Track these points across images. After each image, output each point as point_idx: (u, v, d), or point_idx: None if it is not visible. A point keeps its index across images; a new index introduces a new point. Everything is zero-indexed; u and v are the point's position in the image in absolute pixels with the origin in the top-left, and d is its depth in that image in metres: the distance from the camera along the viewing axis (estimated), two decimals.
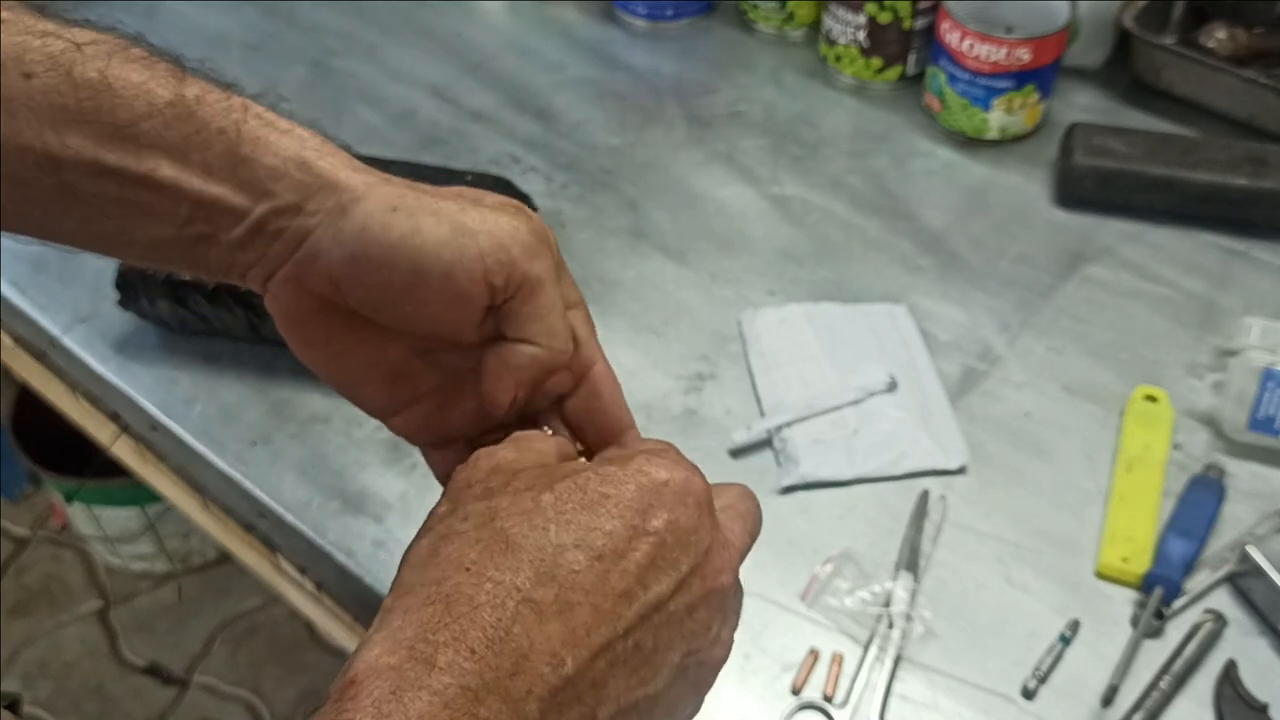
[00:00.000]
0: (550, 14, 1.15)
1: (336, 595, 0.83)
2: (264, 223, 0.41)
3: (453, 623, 0.33)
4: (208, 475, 0.81)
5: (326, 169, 0.41)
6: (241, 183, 0.41)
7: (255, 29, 1.13)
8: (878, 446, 0.76)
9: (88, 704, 1.76)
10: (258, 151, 0.40)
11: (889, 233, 0.93)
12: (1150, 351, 0.83)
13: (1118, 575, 0.70)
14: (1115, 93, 1.04)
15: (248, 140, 0.40)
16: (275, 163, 0.41)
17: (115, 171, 0.40)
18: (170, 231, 0.42)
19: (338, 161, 0.41)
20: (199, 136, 0.40)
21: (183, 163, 0.40)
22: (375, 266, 0.40)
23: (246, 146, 0.40)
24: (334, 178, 0.41)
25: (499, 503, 0.36)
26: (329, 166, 0.41)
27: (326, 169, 0.41)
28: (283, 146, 0.41)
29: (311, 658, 1.81)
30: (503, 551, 0.34)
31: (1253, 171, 0.89)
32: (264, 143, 0.40)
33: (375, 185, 0.41)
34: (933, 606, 0.69)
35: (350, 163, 0.42)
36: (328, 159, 0.41)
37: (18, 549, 1.96)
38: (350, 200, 0.40)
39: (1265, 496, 0.74)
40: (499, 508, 0.36)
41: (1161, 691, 0.65)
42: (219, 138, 0.40)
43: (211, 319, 0.82)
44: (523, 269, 0.41)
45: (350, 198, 0.40)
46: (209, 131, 0.40)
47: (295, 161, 0.41)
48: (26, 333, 0.91)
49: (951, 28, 0.94)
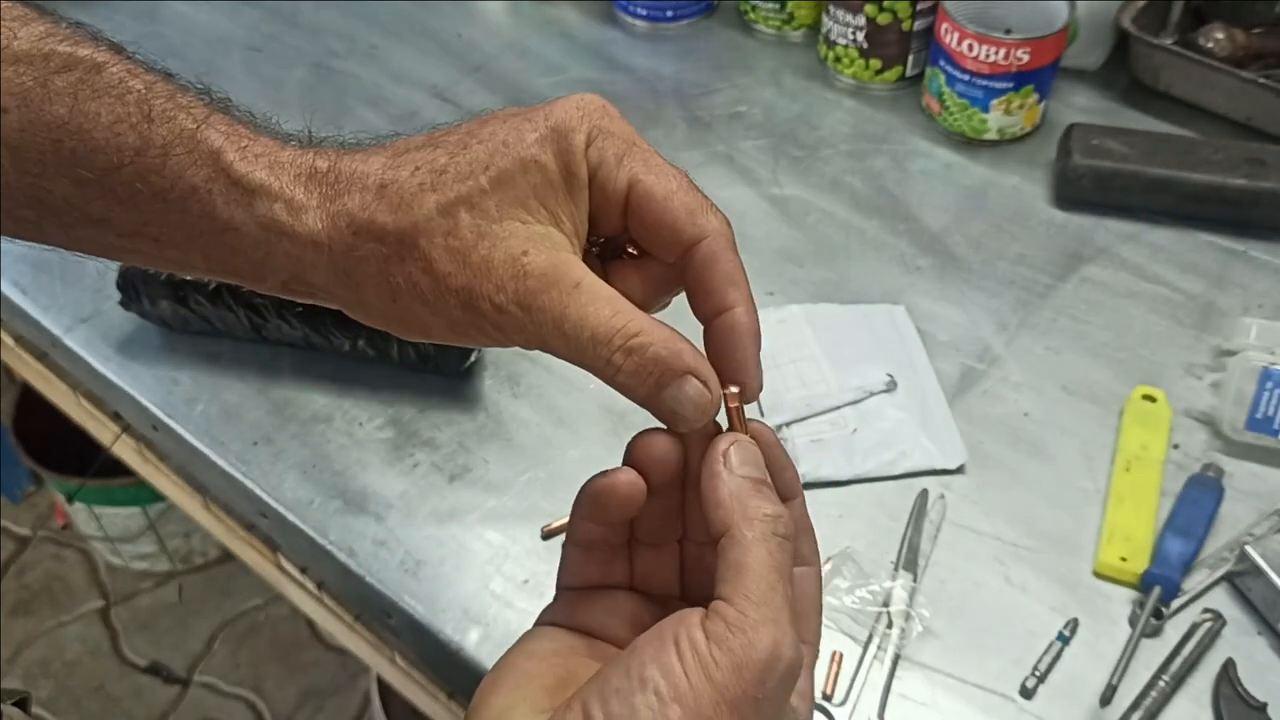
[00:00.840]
0: (551, 15, 1.15)
1: (338, 594, 0.84)
2: (291, 290, 0.41)
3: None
4: (209, 475, 0.81)
5: (305, 232, 0.40)
6: (232, 250, 0.40)
7: (257, 30, 1.13)
8: (877, 446, 0.77)
9: (89, 703, 1.76)
10: (236, 219, 0.40)
11: (888, 233, 0.93)
12: (1149, 351, 0.84)
13: (1116, 574, 0.71)
14: (1114, 93, 1.04)
15: (221, 207, 0.39)
16: (255, 234, 0.40)
17: (105, 222, 0.40)
18: (200, 274, 0.42)
19: (322, 215, 0.40)
20: (174, 194, 0.39)
21: (165, 222, 0.40)
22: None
23: (223, 212, 0.39)
24: (315, 239, 0.40)
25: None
26: (317, 225, 0.40)
27: (305, 232, 0.40)
28: (259, 212, 0.40)
29: (312, 657, 1.81)
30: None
31: (1251, 172, 0.90)
32: (241, 206, 0.40)
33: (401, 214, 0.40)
34: (931, 606, 0.69)
35: (340, 210, 0.40)
36: (311, 212, 0.40)
37: (19, 548, 1.96)
38: (388, 249, 0.39)
39: (1263, 496, 0.75)
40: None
41: (1160, 690, 0.65)
42: (193, 200, 0.39)
43: (213, 319, 0.82)
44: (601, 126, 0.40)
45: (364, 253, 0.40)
46: (183, 189, 0.39)
47: (274, 230, 0.40)
48: (28, 333, 0.92)
49: (950, 29, 0.95)
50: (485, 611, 0.70)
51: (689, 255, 0.41)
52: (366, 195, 0.39)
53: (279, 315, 0.80)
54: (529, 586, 0.71)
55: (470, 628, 0.69)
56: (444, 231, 0.38)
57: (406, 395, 0.81)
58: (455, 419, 0.80)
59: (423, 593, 0.71)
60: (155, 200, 0.39)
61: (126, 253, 0.42)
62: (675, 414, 0.39)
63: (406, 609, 0.71)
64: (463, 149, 0.40)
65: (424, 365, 0.81)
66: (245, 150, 0.40)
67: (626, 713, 0.34)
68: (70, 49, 0.39)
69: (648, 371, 0.38)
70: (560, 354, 0.39)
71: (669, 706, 0.34)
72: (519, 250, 0.38)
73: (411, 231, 0.39)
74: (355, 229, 0.39)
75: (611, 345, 0.38)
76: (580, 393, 0.81)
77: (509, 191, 0.39)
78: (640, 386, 0.39)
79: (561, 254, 0.39)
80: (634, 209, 0.40)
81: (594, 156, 0.40)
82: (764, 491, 0.39)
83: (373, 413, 0.80)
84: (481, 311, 0.39)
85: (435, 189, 0.39)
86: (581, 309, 0.38)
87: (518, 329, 0.39)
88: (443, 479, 0.76)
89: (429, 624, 0.70)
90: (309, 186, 0.40)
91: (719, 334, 0.41)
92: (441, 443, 0.78)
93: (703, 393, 0.39)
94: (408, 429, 0.79)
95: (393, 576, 0.72)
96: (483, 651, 0.68)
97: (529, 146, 0.39)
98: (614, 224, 0.42)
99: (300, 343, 0.83)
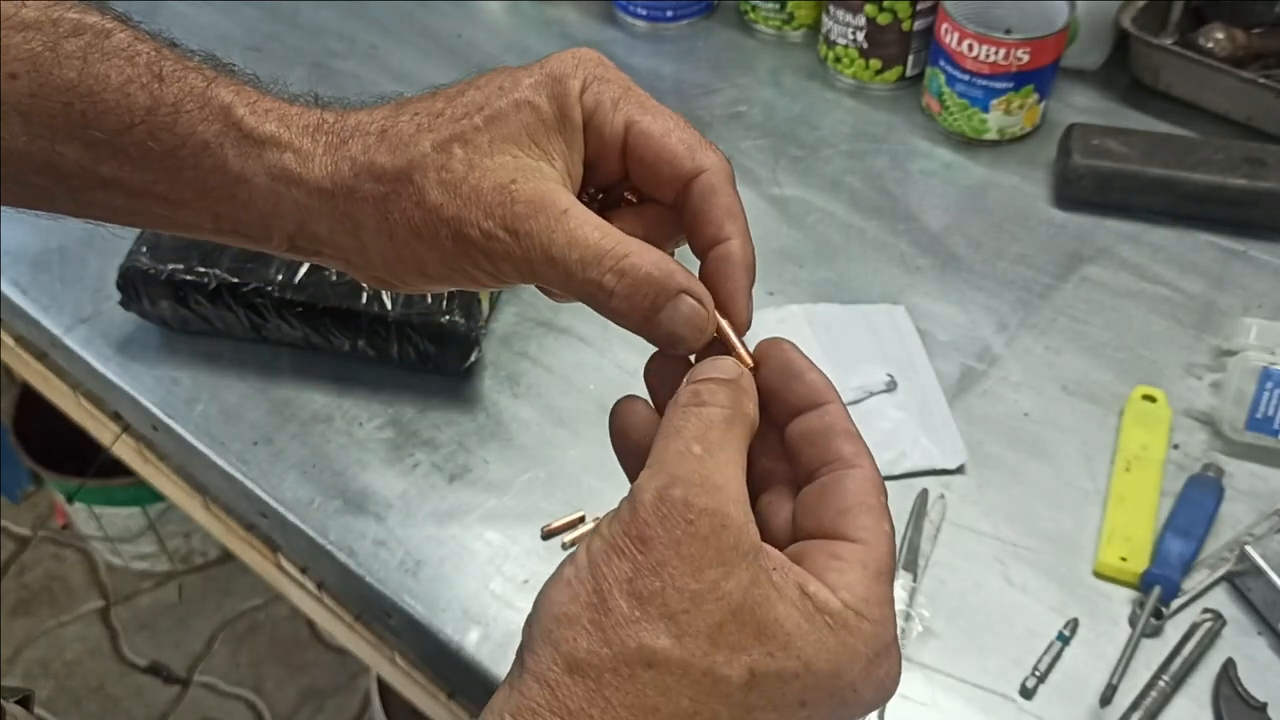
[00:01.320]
0: (550, 15, 1.15)
1: (337, 594, 0.84)
2: (295, 247, 0.42)
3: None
4: (209, 475, 0.81)
5: (313, 179, 0.41)
6: (242, 205, 0.41)
7: (256, 30, 1.13)
8: (877, 446, 0.76)
9: (89, 703, 1.76)
10: (247, 170, 0.40)
11: (888, 233, 0.93)
12: (1148, 351, 0.84)
13: (1116, 574, 0.71)
14: (1114, 93, 1.04)
15: (233, 159, 0.40)
16: (265, 185, 0.40)
17: (115, 182, 0.41)
18: (206, 234, 0.43)
19: (341, 155, 0.41)
20: (185, 150, 0.40)
21: (175, 180, 0.41)
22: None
23: (235, 164, 0.40)
24: (331, 184, 0.41)
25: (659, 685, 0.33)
26: (322, 172, 0.41)
27: (313, 179, 0.41)
28: (269, 161, 0.40)
29: (312, 657, 1.81)
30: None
31: (1251, 172, 0.90)
32: (252, 158, 0.40)
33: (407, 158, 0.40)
34: (931, 606, 0.69)
35: (350, 153, 0.41)
36: (318, 159, 0.41)
37: (19, 548, 1.96)
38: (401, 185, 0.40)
39: (1263, 496, 0.75)
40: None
41: (1160, 690, 0.65)
42: (204, 154, 0.40)
43: (213, 319, 0.82)
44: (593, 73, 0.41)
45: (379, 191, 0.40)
46: (194, 144, 0.40)
47: (284, 179, 0.41)
48: (28, 333, 0.92)
49: (950, 29, 0.95)
50: (485, 611, 0.70)
51: (688, 190, 0.41)
52: (368, 139, 0.41)
53: (279, 315, 0.80)
54: (529, 586, 0.71)
55: (470, 628, 0.69)
56: (437, 166, 0.39)
57: (406, 395, 0.81)
58: (455, 419, 0.80)
59: (423, 593, 0.71)
60: (167, 158, 0.40)
61: (136, 214, 0.43)
62: (673, 334, 0.39)
63: (406, 609, 0.71)
64: (459, 95, 0.41)
65: (424, 365, 0.81)
66: (255, 105, 0.41)
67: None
68: (78, 16, 0.40)
69: (641, 292, 0.38)
70: (551, 281, 0.39)
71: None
72: (507, 179, 0.39)
73: (407, 168, 0.40)
74: (356, 170, 0.40)
75: (602, 266, 0.38)
76: (580, 393, 0.81)
77: (501, 129, 0.40)
78: (634, 310, 0.39)
79: (550, 184, 0.39)
80: (632, 148, 0.41)
81: (589, 101, 0.41)
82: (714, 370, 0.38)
83: (373, 413, 0.80)
84: (471, 239, 0.39)
85: (431, 130, 0.40)
86: (569, 232, 0.38)
87: (506, 256, 0.39)
88: (443, 479, 0.76)
89: (429, 624, 0.70)
90: (315, 137, 0.41)
91: (713, 264, 0.41)
92: (441, 443, 0.78)
93: (698, 310, 0.39)
94: (408, 429, 0.79)
95: (393, 576, 0.72)
96: (483, 651, 0.68)
97: (524, 90, 0.40)
98: (612, 168, 0.42)
99: (300, 343, 0.83)
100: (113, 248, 0.85)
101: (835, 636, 0.34)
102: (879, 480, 0.38)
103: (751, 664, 0.33)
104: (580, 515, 0.73)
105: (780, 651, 0.33)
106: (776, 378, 0.39)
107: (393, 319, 0.79)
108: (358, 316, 0.79)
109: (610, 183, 0.43)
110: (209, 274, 0.80)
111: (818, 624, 0.34)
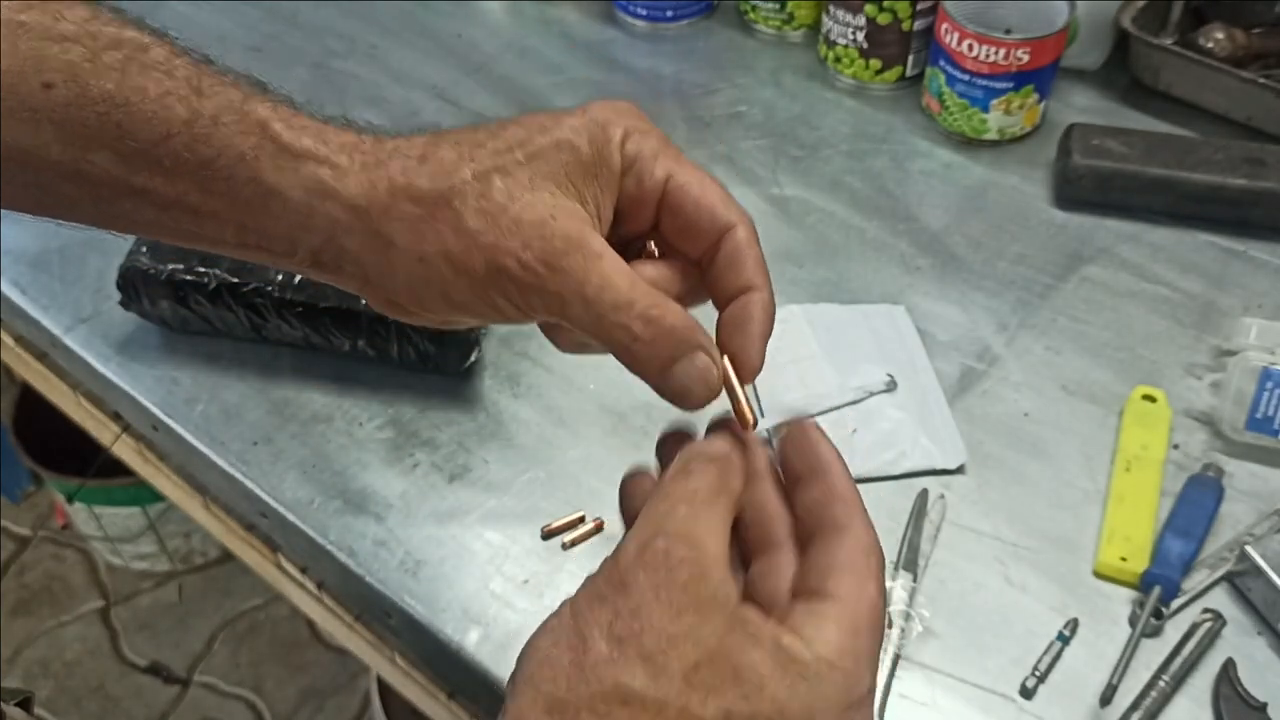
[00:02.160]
0: (551, 15, 1.15)
1: (337, 594, 0.84)
2: (319, 263, 0.42)
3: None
4: (209, 475, 0.81)
5: (347, 195, 0.41)
6: (273, 217, 0.41)
7: (257, 30, 1.13)
8: (877, 446, 0.77)
9: (89, 703, 1.76)
10: (283, 183, 0.41)
11: (888, 233, 0.93)
12: (1148, 351, 0.84)
13: (1116, 574, 0.71)
14: (1114, 93, 1.04)
15: (269, 171, 0.41)
16: (298, 198, 0.41)
17: (145, 193, 0.41)
18: (228, 249, 0.43)
19: (378, 176, 0.41)
20: (220, 161, 0.41)
21: (207, 191, 0.41)
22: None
23: (269, 176, 0.41)
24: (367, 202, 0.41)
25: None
26: (358, 189, 0.41)
27: (347, 195, 0.41)
28: (304, 174, 0.41)
29: (312, 657, 1.81)
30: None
31: (1251, 172, 0.90)
32: (288, 171, 0.41)
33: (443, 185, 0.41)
34: (931, 606, 0.69)
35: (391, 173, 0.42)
36: (354, 176, 0.41)
37: (19, 548, 1.96)
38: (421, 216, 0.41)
39: (1263, 496, 0.75)
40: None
41: (1160, 690, 0.65)
42: (240, 165, 0.41)
43: (213, 319, 0.82)
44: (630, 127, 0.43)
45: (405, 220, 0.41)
46: (230, 156, 0.41)
47: (318, 192, 0.41)
48: (28, 332, 0.92)
49: (950, 29, 0.95)
50: (485, 611, 0.70)
51: (720, 243, 0.43)
52: (408, 161, 0.41)
53: (279, 315, 0.80)
54: (529, 586, 0.71)
55: (470, 628, 0.69)
56: (477, 194, 0.40)
57: (406, 395, 0.81)
58: (455, 419, 0.80)
59: (423, 593, 0.71)
60: (202, 169, 0.41)
61: (160, 227, 0.43)
62: (685, 388, 0.41)
63: (406, 609, 0.71)
64: (501, 129, 0.42)
65: (424, 365, 0.81)
66: (291, 121, 0.42)
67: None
68: (116, 30, 0.41)
69: (664, 343, 0.40)
70: (577, 319, 0.40)
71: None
72: (547, 214, 0.40)
73: (447, 193, 0.40)
74: (394, 190, 0.41)
75: (632, 312, 0.40)
76: (580, 393, 0.81)
77: (541, 166, 0.41)
78: (655, 359, 0.40)
79: (585, 225, 0.41)
80: (670, 199, 0.42)
81: (630, 150, 0.42)
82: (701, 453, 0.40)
83: (373, 413, 0.80)
84: (506, 269, 0.40)
85: (473, 159, 0.41)
86: (604, 275, 0.40)
87: (539, 290, 0.40)
88: (443, 479, 0.76)
89: (429, 624, 0.70)
90: (352, 155, 0.42)
91: (738, 308, 0.43)
92: (441, 443, 0.78)
93: (710, 368, 0.41)
94: (408, 429, 0.79)
95: (393, 576, 0.72)
96: (483, 651, 0.68)
97: (565, 130, 0.41)
98: (644, 219, 0.43)
99: (300, 343, 0.83)
100: (113, 248, 0.85)
101: (807, 684, 0.35)
102: (869, 543, 0.39)
103: (726, 706, 0.34)
104: (580, 515, 0.73)
105: (755, 694, 0.34)
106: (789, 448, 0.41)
107: (392, 319, 0.79)
108: (358, 316, 0.79)
109: (637, 233, 0.44)
110: (209, 274, 0.80)
111: (791, 673, 0.35)
